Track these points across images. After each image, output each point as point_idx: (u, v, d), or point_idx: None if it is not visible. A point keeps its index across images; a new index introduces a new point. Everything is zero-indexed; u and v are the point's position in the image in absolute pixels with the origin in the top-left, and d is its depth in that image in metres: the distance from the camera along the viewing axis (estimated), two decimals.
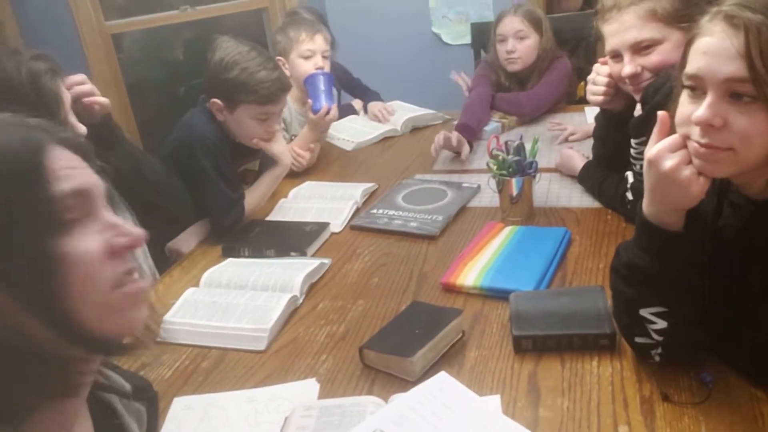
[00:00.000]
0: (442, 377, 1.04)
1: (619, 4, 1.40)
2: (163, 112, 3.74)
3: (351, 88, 2.76)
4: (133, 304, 0.66)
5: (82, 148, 0.68)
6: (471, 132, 2.14)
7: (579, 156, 1.80)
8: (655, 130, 0.91)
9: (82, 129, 1.28)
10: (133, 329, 0.67)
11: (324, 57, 2.22)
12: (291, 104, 2.23)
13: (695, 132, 0.85)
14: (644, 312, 0.97)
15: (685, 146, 0.87)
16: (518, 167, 1.60)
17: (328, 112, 2.08)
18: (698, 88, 0.85)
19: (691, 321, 0.96)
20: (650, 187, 0.92)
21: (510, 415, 0.98)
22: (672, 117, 0.94)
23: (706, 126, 0.82)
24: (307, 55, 2.18)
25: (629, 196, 1.49)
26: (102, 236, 0.64)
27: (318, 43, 2.19)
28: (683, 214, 0.92)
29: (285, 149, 1.88)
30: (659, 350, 1.00)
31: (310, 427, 0.98)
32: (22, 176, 0.60)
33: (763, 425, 0.91)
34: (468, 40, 3.21)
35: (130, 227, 0.66)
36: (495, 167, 1.62)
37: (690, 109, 0.85)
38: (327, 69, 2.22)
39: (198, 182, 1.67)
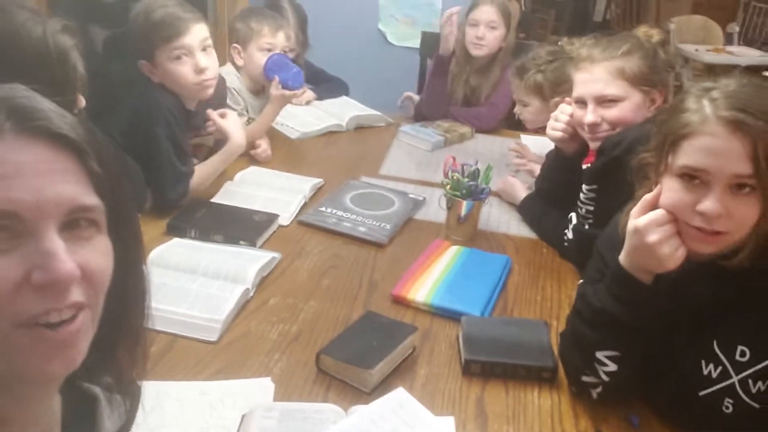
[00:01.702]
0: (400, 393, 1.08)
1: (593, 57, 1.51)
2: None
3: (316, 80, 2.73)
4: (40, 353, 0.55)
5: (70, 143, 0.57)
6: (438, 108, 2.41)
7: (521, 186, 1.90)
8: (647, 198, 1.00)
9: (82, 102, 1.19)
10: (44, 376, 0.58)
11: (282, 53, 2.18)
12: (245, 95, 2.18)
13: (694, 218, 0.94)
14: (600, 354, 1.06)
15: (670, 221, 0.97)
16: (473, 191, 1.66)
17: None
18: (698, 180, 0.94)
19: (635, 366, 1.06)
20: (631, 248, 1.01)
21: None
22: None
23: (714, 217, 0.92)
24: (267, 48, 2.13)
25: (569, 234, 1.60)
26: (23, 265, 0.53)
27: (279, 39, 2.16)
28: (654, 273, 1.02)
29: (237, 126, 1.82)
30: (600, 389, 1.10)
31: (273, 430, 0.98)
32: None
33: None
34: (412, 44, 3.27)
35: (60, 262, 0.54)
36: (448, 187, 1.68)
37: (687, 197, 0.95)
38: None
39: (149, 151, 1.60)
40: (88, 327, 0.60)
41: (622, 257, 1.04)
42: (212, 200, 1.75)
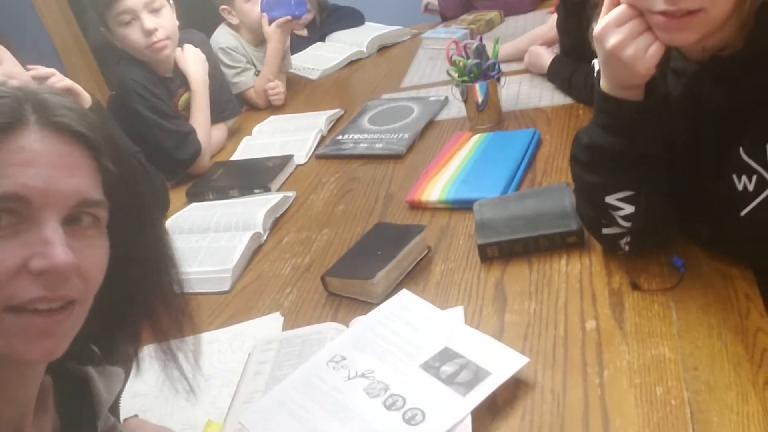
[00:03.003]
0: (404, 295, 1.00)
1: None
2: None
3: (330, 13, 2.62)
4: (23, 336, 0.56)
5: (87, 140, 0.60)
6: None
7: (547, 52, 1.70)
8: (606, 1, 0.83)
9: None
10: (24, 359, 0.59)
11: None
12: (247, 50, 2.12)
13: (657, 3, 0.77)
14: (610, 199, 0.92)
15: (633, 18, 0.80)
16: (480, 71, 1.51)
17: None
18: None
19: (656, 200, 0.91)
20: (601, 63, 0.88)
21: (475, 324, 0.95)
22: None
23: None
24: None
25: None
26: (23, 251, 0.55)
27: None
28: (640, 87, 0.86)
29: (192, 60, 1.75)
30: (628, 239, 0.96)
31: (270, 361, 0.95)
32: None
33: (737, 302, 0.87)
34: None
35: (57, 251, 0.55)
36: (456, 74, 1.54)
37: None
38: None
39: (139, 129, 1.60)
40: (75, 322, 0.61)
41: (601, 81, 0.88)
42: (231, 159, 1.73)
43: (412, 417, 0.78)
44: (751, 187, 0.85)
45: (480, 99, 1.53)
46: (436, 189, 1.29)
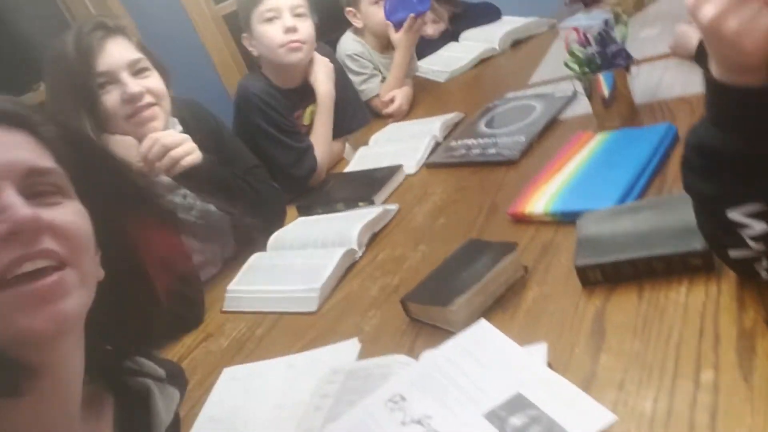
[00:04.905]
0: (482, 327, 0.87)
1: None
2: None
3: (463, 13, 2.51)
4: (21, 309, 0.55)
5: (21, 121, 0.64)
6: None
7: (696, 31, 1.45)
8: None
9: (133, 88, 1.25)
10: (23, 338, 0.56)
11: None
12: (372, 56, 2.09)
13: None
14: (733, 214, 0.72)
15: None
16: (603, 60, 1.32)
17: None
18: None
19: None
20: (705, 44, 0.68)
21: (562, 365, 0.80)
22: None
23: None
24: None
25: None
26: None
27: None
28: (760, 69, 0.66)
29: (320, 74, 1.75)
30: (765, 263, 0.75)
31: (333, 395, 0.88)
32: None
33: None
34: None
35: (17, 211, 0.56)
36: (576, 65, 1.36)
37: None
38: None
39: (259, 142, 1.62)
40: (75, 287, 0.60)
41: (711, 65, 0.69)
42: (345, 171, 1.69)
43: None
44: None
45: (606, 93, 1.34)
46: (542, 199, 1.14)
